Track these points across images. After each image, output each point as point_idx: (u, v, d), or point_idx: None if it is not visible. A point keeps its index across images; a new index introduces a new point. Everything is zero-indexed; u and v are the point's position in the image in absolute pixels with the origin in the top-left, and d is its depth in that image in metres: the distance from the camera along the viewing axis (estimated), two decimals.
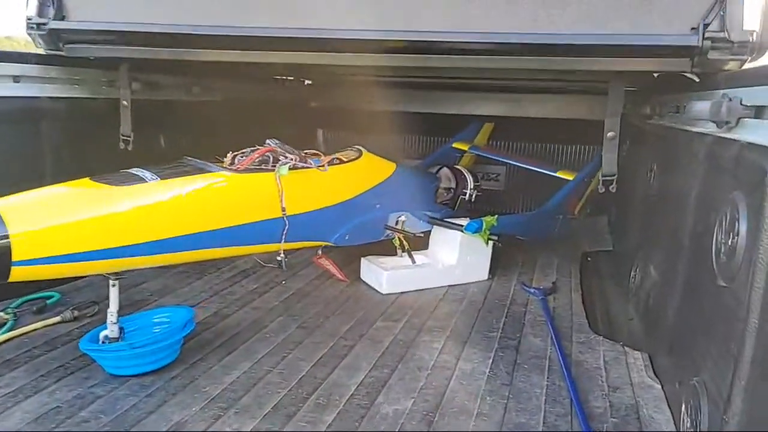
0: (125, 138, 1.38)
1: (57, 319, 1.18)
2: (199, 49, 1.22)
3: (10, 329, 1.12)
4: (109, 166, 1.13)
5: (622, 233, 1.66)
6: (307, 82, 2.32)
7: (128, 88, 1.39)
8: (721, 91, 0.84)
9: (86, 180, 0.91)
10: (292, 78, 2.18)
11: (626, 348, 1.13)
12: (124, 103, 1.37)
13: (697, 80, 1.02)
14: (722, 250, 0.74)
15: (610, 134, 1.31)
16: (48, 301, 1.25)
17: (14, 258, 0.76)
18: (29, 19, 1.23)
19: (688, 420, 0.79)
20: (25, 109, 1.27)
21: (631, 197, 1.49)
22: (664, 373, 0.99)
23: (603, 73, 1.23)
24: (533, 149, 2.20)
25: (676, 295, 0.98)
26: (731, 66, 0.96)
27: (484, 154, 1.96)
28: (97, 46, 1.30)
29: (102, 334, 0.97)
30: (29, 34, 1.25)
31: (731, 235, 0.71)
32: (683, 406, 0.82)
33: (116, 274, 0.91)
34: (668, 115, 1.24)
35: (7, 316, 1.16)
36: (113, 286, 0.92)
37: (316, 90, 2.34)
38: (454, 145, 1.96)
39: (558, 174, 1.72)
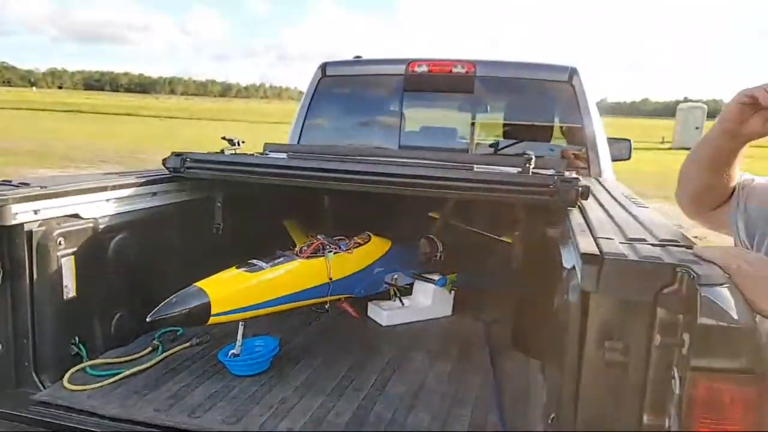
0: (217, 225, 2.13)
1: (187, 344, 1.90)
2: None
3: (163, 351, 1.84)
4: (212, 246, 1.87)
5: None
6: None
7: (220, 192, 2.14)
8: None
9: (234, 268, 1.66)
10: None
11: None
12: (218, 204, 2.13)
13: None
14: None
15: None
16: (177, 333, 1.98)
17: (212, 312, 1.51)
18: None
19: None
20: (157, 213, 2.00)
21: None
22: None
23: None
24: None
25: None
26: None
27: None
28: (204, 171, 2.04)
29: (231, 352, 1.71)
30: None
31: None
32: None
33: (245, 319, 1.66)
34: None
35: (158, 343, 1.88)
36: (241, 324, 1.67)
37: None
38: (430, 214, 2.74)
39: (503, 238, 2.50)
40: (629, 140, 3.67)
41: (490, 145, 3.39)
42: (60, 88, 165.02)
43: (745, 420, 0.98)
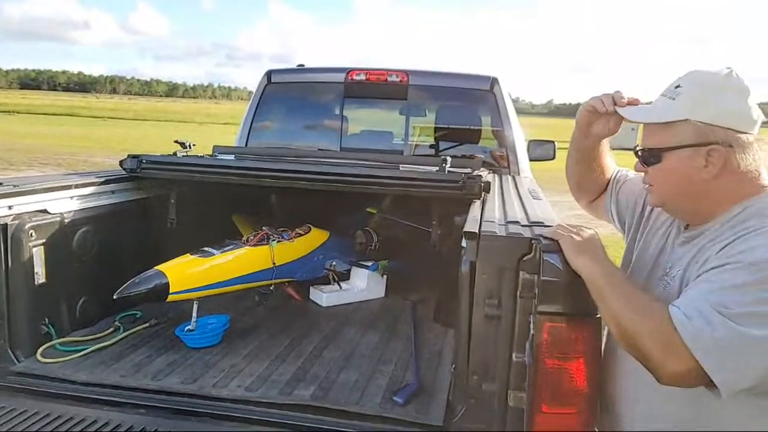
0: (171, 220, 2.37)
1: (146, 325, 2.12)
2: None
3: (124, 331, 2.06)
4: (166, 238, 2.11)
5: None
6: None
7: (173, 190, 2.38)
8: None
9: (188, 255, 1.91)
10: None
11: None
12: (172, 201, 2.36)
13: None
14: None
15: None
16: (137, 316, 2.19)
17: (170, 291, 1.76)
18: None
19: None
20: (117, 209, 2.22)
21: None
22: None
23: None
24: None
25: None
26: None
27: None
28: (159, 172, 2.27)
29: (186, 328, 1.96)
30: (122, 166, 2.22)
31: None
32: None
33: (198, 298, 1.91)
34: None
35: (119, 324, 2.09)
36: (195, 303, 1.92)
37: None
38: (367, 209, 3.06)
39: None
40: (553, 142, 4.11)
41: (430, 146, 3.75)
42: None
43: (579, 350, 1.34)
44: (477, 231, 1.43)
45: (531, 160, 3.82)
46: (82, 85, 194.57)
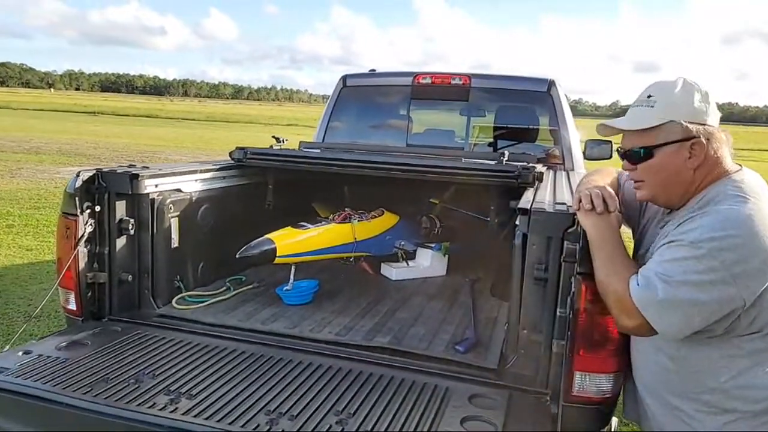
0: (269, 202, 2.83)
1: (251, 286, 2.58)
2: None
3: (234, 290, 2.53)
4: (265, 217, 2.57)
5: None
6: None
7: (271, 178, 2.84)
8: None
9: (289, 227, 2.35)
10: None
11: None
12: (270, 186, 2.82)
13: None
14: None
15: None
16: (242, 279, 2.66)
17: (277, 254, 2.20)
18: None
19: None
20: (228, 192, 2.70)
21: None
22: None
23: None
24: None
25: None
26: None
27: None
28: (261, 161, 2.73)
29: (285, 288, 2.39)
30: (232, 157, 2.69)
31: None
32: None
33: (296, 263, 2.34)
34: None
35: (229, 285, 2.56)
36: (293, 267, 2.35)
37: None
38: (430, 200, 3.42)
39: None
40: (610, 142, 4.33)
41: (489, 144, 4.06)
42: (77, 89, 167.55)
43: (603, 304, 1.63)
44: (529, 208, 1.75)
45: (588, 158, 4.06)
46: (157, 88, 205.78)
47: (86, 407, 1.48)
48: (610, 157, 4.27)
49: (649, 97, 1.41)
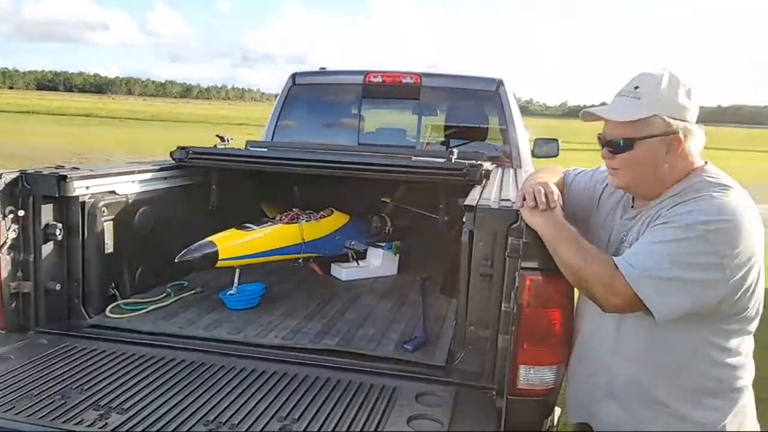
0: (212, 204, 2.72)
1: (193, 291, 2.46)
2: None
3: (175, 296, 2.41)
4: (208, 220, 2.47)
5: None
6: None
7: (215, 178, 2.73)
8: None
9: (233, 229, 2.26)
10: None
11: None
12: (213, 187, 2.72)
13: None
14: None
15: None
16: (183, 285, 2.54)
17: (219, 257, 2.11)
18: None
19: None
20: (168, 193, 2.57)
21: None
22: None
23: None
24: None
25: None
26: None
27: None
28: (204, 161, 2.63)
29: (228, 292, 2.30)
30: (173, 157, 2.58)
31: None
32: None
33: (241, 266, 2.26)
34: None
35: (169, 291, 2.43)
36: (237, 271, 2.26)
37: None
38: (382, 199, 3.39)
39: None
40: (557, 140, 4.43)
41: (441, 143, 4.07)
42: (11, 88, 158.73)
43: (553, 299, 1.65)
44: (474, 204, 1.75)
45: (537, 156, 4.14)
46: (98, 86, 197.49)
47: (6, 426, 1.37)
48: (557, 155, 4.38)
49: (636, 88, 1.41)
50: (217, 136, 2.78)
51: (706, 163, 1.46)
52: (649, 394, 1.46)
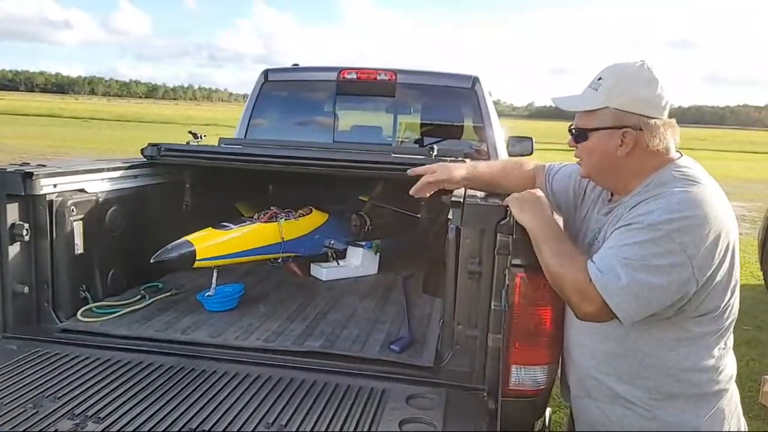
0: (186, 203, 2.63)
1: (168, 293, 2.37)
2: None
3: (150, 298, 2.31)
4: (182, 219, 2.38)
5: None
6: None
7: (188, 176, 2.64)
8: None
9: (210, 228, 2.18)
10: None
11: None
12: (187, 185, 2.62)
13: None
14: None
15: None
16: (159, 287, 2.44)
17: (197, 257, 2.03)
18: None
19: None
20: (140, 192, 2.47)
21: None
22: None
23: None
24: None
25: None
26: None
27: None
28: (176, 158, 2.53)
29: (206, 294, 2.22)
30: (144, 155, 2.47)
31: None
32: None
33: (218, 266, 2.18)
34: None
35: (144, 293, 2.34)
36: (215, 271, 2.18)
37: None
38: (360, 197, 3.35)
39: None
40: (531, 138, 4.45)
41: (415, 141, 4.04)
42: None
43: (544, 297, 1.64)
44: (462, 200, 1.73)
45: (511, 154, 4.16)
46: (60, 86, 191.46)
47: None
48: (531, 153, 4.41)
49: (599, 79, 1.40)
50: (190, 132, 2.69)
51: (680, 156, 1.43)
52: (616, 393, 1.46)
